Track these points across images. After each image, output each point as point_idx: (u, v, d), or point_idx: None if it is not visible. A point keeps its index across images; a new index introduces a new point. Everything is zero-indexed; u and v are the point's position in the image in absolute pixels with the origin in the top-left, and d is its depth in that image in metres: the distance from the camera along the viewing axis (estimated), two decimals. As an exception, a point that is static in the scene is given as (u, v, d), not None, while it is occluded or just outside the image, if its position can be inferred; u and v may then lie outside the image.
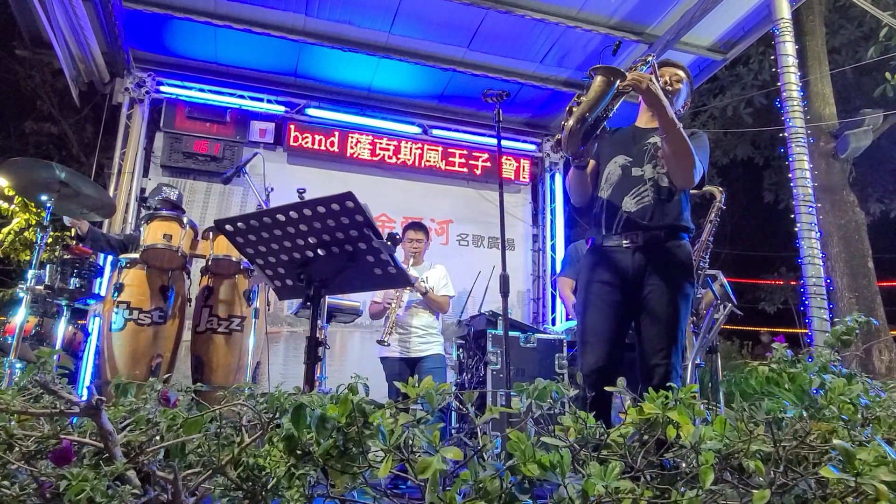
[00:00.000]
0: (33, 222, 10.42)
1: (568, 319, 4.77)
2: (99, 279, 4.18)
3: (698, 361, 3.11)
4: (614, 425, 1.46)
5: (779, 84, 4.94)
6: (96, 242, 4.06)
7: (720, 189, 3.52)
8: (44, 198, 3.30)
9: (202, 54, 6.48)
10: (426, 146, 7.33)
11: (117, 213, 5.75)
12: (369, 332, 6.61)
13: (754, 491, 1.22)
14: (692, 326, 3.27)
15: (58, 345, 3.46)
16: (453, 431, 4.34)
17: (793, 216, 4.74)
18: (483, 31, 6.03)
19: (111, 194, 5.66)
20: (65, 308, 3.53)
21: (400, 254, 4.36)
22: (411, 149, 7.26)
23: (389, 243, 1.98)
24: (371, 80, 6.86)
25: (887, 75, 8.06)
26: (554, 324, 7.05)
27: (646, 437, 1.43)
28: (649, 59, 2.44)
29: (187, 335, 3.57)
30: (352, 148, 7.02)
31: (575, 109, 2.21)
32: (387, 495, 1.23)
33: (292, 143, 6.80)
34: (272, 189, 3.70)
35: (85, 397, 1.07)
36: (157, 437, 1.00)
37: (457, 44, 6.24)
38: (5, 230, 10.21)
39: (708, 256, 3.39)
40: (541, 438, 1.26)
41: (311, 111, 6.93)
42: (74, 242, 3.80)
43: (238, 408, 1.20)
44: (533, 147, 7.76)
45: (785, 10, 4.97)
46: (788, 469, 1.35)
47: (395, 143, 7.21)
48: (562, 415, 1.44)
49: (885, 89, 8.14)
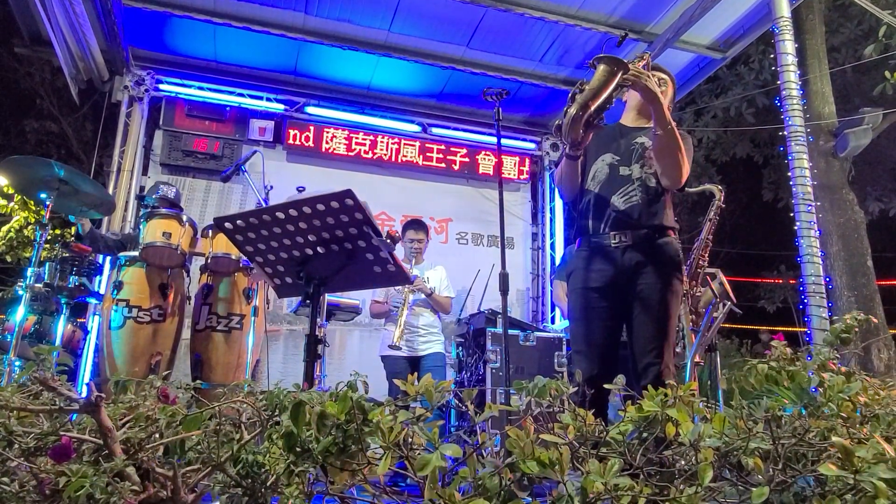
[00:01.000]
0: (32, 220, 10.42)
1: (564, 318, 4.78)
2: (98, 277, 4.18)
3: (697, 360, 3.11)
4: (612, 424, 1.46)
5: (779, 83, 4.94)
6: (95, 243, 4.07)
7: (720, 187, 3.52)
8: (43, 196, 3.30)
9: (201, 52, 6.47)
10: (425, 144, 7.33)
11: (116, 212, 5.75)
12: (368, 331, 6.61)
13: (753, 488, 1.22)
14: (691, 325, 3.27)
15: (57, 343, 3.46)
16: (453, 429, 4.35)
17: (792, 214, 4.74)
18: (482, 30, 6.03)
19: (110, 192, 5.65)
20: (64, 306, 3.52)
21: (399, 252, 4.36)
22: (411, 147, 7.26)
23: (389, 241, 1.98)
24: (370, 79, 6.86)
25: (886, 74, 8.07)
26: (553, 322, 7.06)
27: (645, 434, 1.43)
28: (646, 56, 2.44)
29: (187, 333, 3.57)
30: (351, 146, 7.02)
31: (578, 97, 2.20)
32: (386, 492, 1.23)
33: (291, 142, 6.80)
34: (272, 187, 3.70)
35: (84, 394, 1.07)
36: (157, 434, 1.00)
37: (456, 42, 6.24)
38: (5, 228, 10.20)
39: (707, 255, 3.39)
40: (540, 436, 1.26)
41: (310, 109, 6.93)
42: (73, 240, 3.80)
43: (237, 405, 1.20)
44: (532, 145, 7.76)
45: (785, 9, 4.96)
46: (787, 466, 1.35)
47: (395, 141, 7.21)
48: (561, 413, 1.44)
49: (885, 88, 8.15)
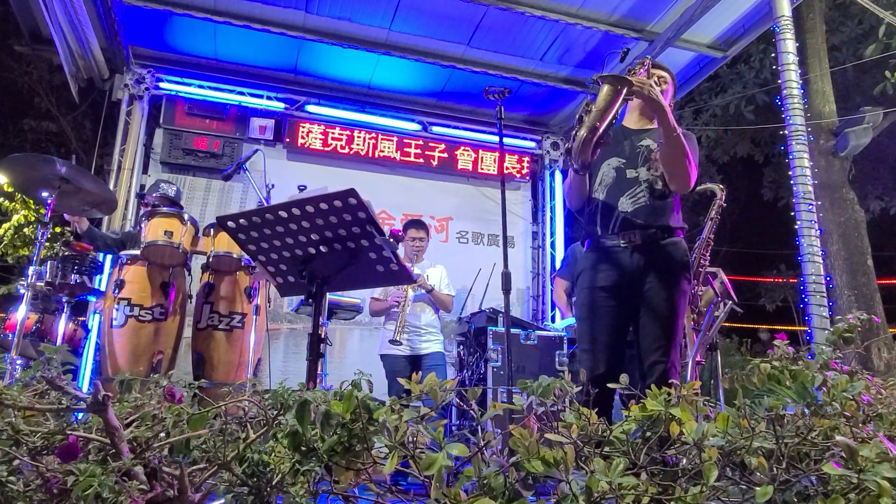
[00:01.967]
0: (32, 219, 10.40)
1: (564, 318, 4.79)
2: (99, 276, 4.18)
3: (699, 359, 3.11)
4: (615, 423, 1.47)
5: (779, 82, 4.94)
6: (94, 242, 4.06)
7: (721, 187, 3.52)
8: (45, 194, 3.30)
9: (202, 51, 6.46)
10: (426, 143, 7.32)
11: (117, 210, 5.74)
12: (368, 330, 6.61)
13: (756, 487, 1.22)
14: (692, 324, 3.28)
15: (58, 341, 3.46)
16: (453, 428, 4.35)
17: (792, 214, 4.74)
18: (483, 28, 6.02)
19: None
20: (65, 304, 3.52)
21: (401, 252, 4.36)
22: (411, 145, 7.26)
23: (391, 240, 1.98)
24: (371, 77, 6.85)
25: (887, 73, 8.08)
26: (553, 321, 7.06)
27: (648, 433, 1.43)
28: (646, 60, 2.45)
29: (188, 332, 3.57)
30: (351, 145, 7.02)
31: (586, 119, 2.24)
32: (391, 491, 1.24)
33: (292, 140, 6.80)
34: (273, 186, 3.69)
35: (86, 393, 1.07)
36: (163, 434, 1.00)
37: (457, 41, 6.23)
38: (5, 226, 10.19)
39: (709, 254, 3.40)
40: (544, 435, 1.27)
41: (310, 108, 6.92)
42: (72, 239, 3.80)
43: (241, 403, 1.21)
44: (533, 144, 7.76)
45: (785, 8, 4.96)
46: (791, 466, 1.35)
47: (395, 139, 7.21)
48: (563, 412, 1.44)
49: (885, 87, 8.15)
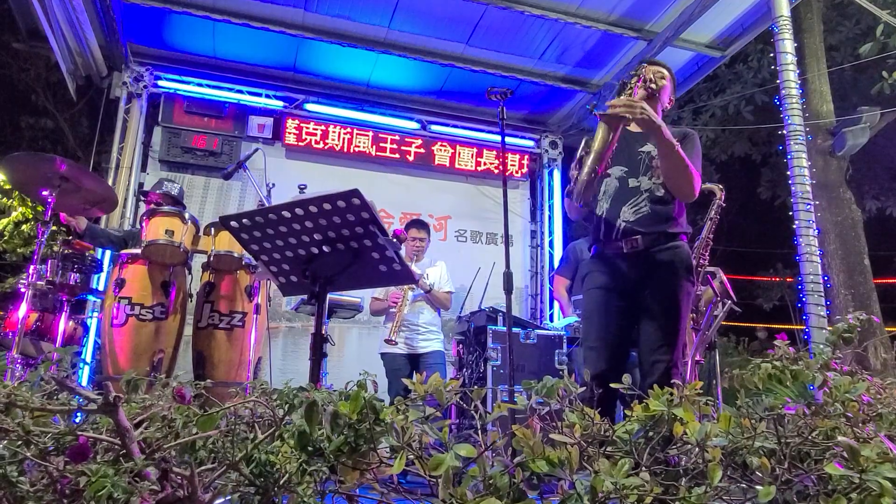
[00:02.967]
0: (30, 216, 10.38)
1: (565, 316, 4.80)
2: (98, 274, 4.18)
3: (698, 358, 3.13)
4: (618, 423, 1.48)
5: (777, 81, 4.95)
6: (96, 238, 4.06)
7: (720, 187, 3.54)
8: (45, 193, 3.29)
9: (200, 49, 6.46)
10: (424, 141, 7.33)
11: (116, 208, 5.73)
12: (367, 329, 6.62)
13: (759, 487, 1.23)
14: (692, 323, 3.29)
15: (58, 340, 3.46)
16: (453, 427, 4.36)
17: (790, 213, 4.76)
18: (482, 27, 6.03)
19: (109, 189, 5.63)
20: (66, 303, 3.52)
21: (402, 252, 4.37)
22: (410, 144, 7.26)
23: (395, 241, 1.98)
24: (370, 76, 6.85)
25: (884, 73, 8.10)
26: (552, 320, 7.07)
27: (651, 433, 1.44)
28: (640, 70, 2.49)
29: (188, 331, 3.57)
30: (350, 143, 7.02)
31: (586, 161, 2.28)
32: (397, 491, 1.24)
33: (290, 139, 6.80)
34: (273, 185, 3.70)
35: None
36: (173, 434, 1.00)
37: (456, 39, 6.24)
38: (3, 222, 10.16)
39: (708, 253, 3.41)
40: (549, 435, 1.27)
41: (309, 106, 6.92)
42: (69, 237, 3.79)
43: (249, 404, 1.21)
44: (531, 143, 7.77)
45: (784, 8, 4.98)
46: (792, 465, 1.36)
47: (394, 138, 7.21)
48: (563, 411, 1.45)
49: (883, 87, 8.18)
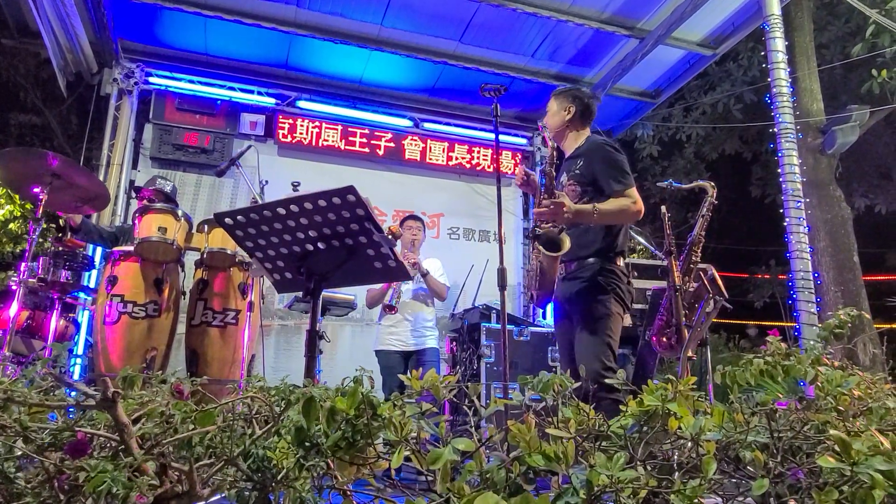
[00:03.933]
0: (18, 214, 10.30)
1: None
2: (89, 272, 4.15)
3: (690, 354, 3.14)
4: None
5: (768, 80, 4.99)
6: (88, 234, 4.03)
7: (712, 184, 3.55)
8: (36, 190, 3.27)
9: (192, 45, 6.42)
10: (417, 139, 7.33)
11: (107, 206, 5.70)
12: (360, 326, 6.62)
13: (752, 481, 1.25)
14: (684, 320, 3.30)
15: (50, 338, 3.44)
16: (447, 423, 4.37)
17: (781, 210, 4.80)
18: (475, 25, 6.03)
19: (100, 186, 5.59)
20: (57, 301, 3.50)
21: (398, 248, 4.37)
22: (402, 142, 7.26)
23: (390, 237, 1.99)
24: (362, 73, 6.84)
25: (873, 72, 8.16)
26: (545, 317, 7.09)
27: (645, 428, 1.46)
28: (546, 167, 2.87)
29: (182, 328, 3.56)
30: (343, 141, 7.01)
31: (546, 281, 2.73)
32: (394, 486, 1.25)
33: (283, 136, 6.78)
34: (266, 182, 3.68)
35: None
36: (171, 430, 1.00)
37: (448, 37, 6.24)
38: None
39: (700, 250, 3.43)
40: (545, 430, 1.28)
41: (301, 104, 6.91)
42: (59, 235, 3.77)
43: (247, 399, 1.21)
44: (524, 141, 7.79)
45: (775, 7, 5.01)
46: (785, 459, 1.38)
47: (387, 135, 7.20)
48: (558, 407, 1.46)
49: (872, 86, 8.24)
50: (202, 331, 3.47)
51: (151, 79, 6.43)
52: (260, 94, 6.75)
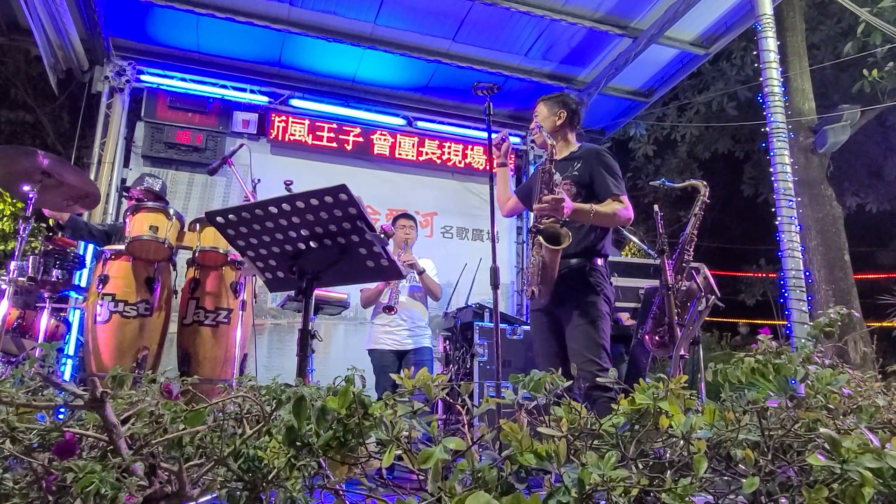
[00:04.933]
0: (8, 213, 10.23)
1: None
2: (80, 271, 4.12)
3: (682, 353, 3.16)
4: None
5: (760, 79, 5.01)
6: (77, 231, 3.99)
7: (704, 183, 3.56)
8: (26, 189, 3.24)
9: (184, 43, 6.39)
10: (411, 138, 7.32)
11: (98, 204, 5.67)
12: (353, 325, 6.61)
13: (743, 479, 1.25)
14: (676, 318, 3.32)
15: (40, 337, 3.41)
16: (440, 423, 4.37)
17: (772, 209, 4.82)
18: (468, 23, 6.03)
19: (92, 185, 5.56)
20: (47, 300, 3.48)
21: (390, 247, 4.36)
22: (396, 140, 7.25)
23: (382, 236, 1.98)
24: (356, 71, 6.83)
25: (864, 71, 8.21)
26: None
27: (637, 426, 1.46)
28: (547, 164, 2.82)
29: (173, 327, 3.54)
30: (336, 139, 6.99)
31: (547, 276, 2.72)
32: (385, 485, 1.25)
33: (276, 135, 6.76)
34: (259, 181, 3.67)
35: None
36: (161, 430, 1.00)
37: (442, 35, 6.24)
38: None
39: (692, 249, 3.44)
40: (536, 429, 1.28)
41: (294, 102, 6.89)
42: (50, 233, 3.74)
43: (237, 399, 1.21)
44: (517, 140, 7.79)
45: (767, 6, 5.03)
46: (775, 457, 1.39)
47: (380, 134, 7.19)
48: (550, 406, 1.46)
49: (863, 85, 8.29)
50: (194, 330, 3.45)
51: (143, 76, 6.39)
52: (253, 92, 6.73)
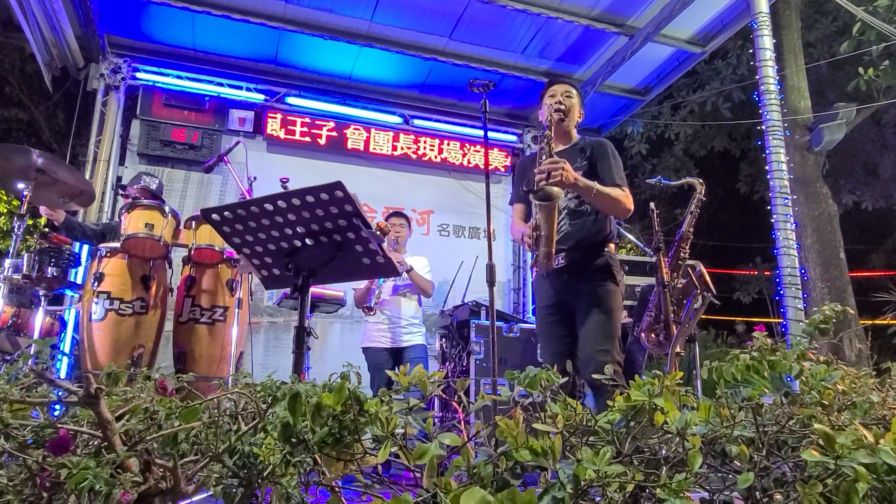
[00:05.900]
0: (4, 210, 10.19)
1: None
2: (75, 269, 4.11)
3: (678, 350, 3.16)
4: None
5: (756, 77, 5.02)
6: (72, 231, 3.98)
7: (700, 181, 3.57)
8: (21, 186, 3.23)
9: (180, 40, 6.37)
10: (407, 136, 7.31)
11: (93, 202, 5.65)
12: (350, 323, 6.61)
13: (737, 475, 1.26)
14: (672, 316, 3.32)
15: (36, 335, 3.40)
16: (436, 420, 4.37)
17: (768, 207, 4.83)
18: (465, 21, 6.02)
19: (87, 182, 5.54)
20: (42, 298, 3.47)
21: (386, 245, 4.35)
22: (392, 138, 7.24)
23: (378, 233, 1.98)
24: (352, 69, 6.82)
25: (860, 70, 8.23)
26: (535, 314, 7.11)
27: (632, 423, 1.46)
28: (546, 134, 2.71)
29: (169, 325, 3.53)
30: (332, 137, 6.98)
31: (542, 239, 2.59)
32: (381, 482, 1.25)
33: (272, 132, 6.75)
34: (255, 178, 3.67)
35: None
36: (156, 427, 1.00)
37: (438, 33, 6.23)
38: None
39: (688, 247, 3.45)
40: (532, 425, 1.29)
41: (291, 100, 6.87)
42: (47, 231, 3.73)
43: (233, 396, 1.21)
44: (514, 138, 7.80)
45: (763, 5, 5.04)
46: (770, 453, 1.39)
47: (377, 132, 7.18)
48: (546, 402, 1.46)
49: (859, 83, 8.31)
50: (190, 328, 3.45)
51: (139, 74, 6.37)
52: (249, 90, 6.71)
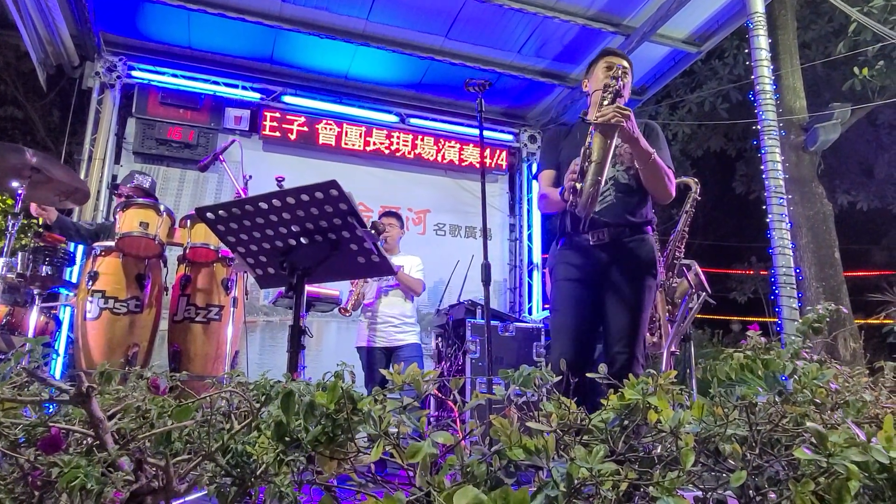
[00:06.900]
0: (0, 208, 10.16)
1: (544, 309, 4.84)
2: (70, 267, 4.10)
3: (673, 349, 3.17)
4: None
5: (752, 77, 5.03)
6: (65, 231, 3.97)
7: (695, 180, 3.59)
8: (15, 184, 3.22)
9: (175, 39, 6.36)
10: (403, 135, 7.31)
11: (88, 201, 5.63)
12: (345, 322, 6.59)
13: (730, 473, 1.26)
14: (667, 315, 3.33)
15: (30, 334, 3.39)
16: (431, 419, 4.38)
17: (764, 207, 4.84)
18: (461, 20, 6.02)
19: (82, 181, 5.52)
20: (37, 297, 3.45)
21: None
22: (388, 137, 7.24)
23: (373, 232, 1.98)
24: (348, 68, 6.81)
25: (856, 70, 8.25)
26: (531, 313, 7.12)
27: (626, 422, 1.46)
28: (627, 70, 2.50)
29: (164, 325, 3.53)
30: (328, 136, 6.97)
31: (588, 171, 2.26)
32: (375, 481, 1.25)
33: (268, 131, 6.74)
34: (251, 177, 3.66)
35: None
36: (148, 425, 0.99)
37: (435, 32, 6.23)
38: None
39: (684, 246, 3.46)
40: (525, 423, 1.29)
41: (287, 98, 6.86)
42: (42, 230, 3.71)
43: (225, 394, 1.20)
44: (510, 137, 7.80)
45: (759, 5, 5.05)
46: (763, 452, 1.39)
47: (373, 131, 7.18)
48: (541, 401, 1.46)
49: (854, 83, 8.33)
50: (185, 327, 3.44)
51: (134, 72, 6.35)
52: (245, 88, 6.70)
